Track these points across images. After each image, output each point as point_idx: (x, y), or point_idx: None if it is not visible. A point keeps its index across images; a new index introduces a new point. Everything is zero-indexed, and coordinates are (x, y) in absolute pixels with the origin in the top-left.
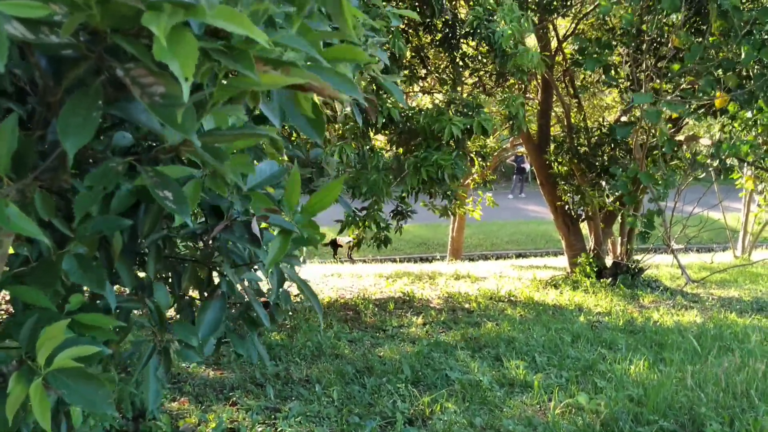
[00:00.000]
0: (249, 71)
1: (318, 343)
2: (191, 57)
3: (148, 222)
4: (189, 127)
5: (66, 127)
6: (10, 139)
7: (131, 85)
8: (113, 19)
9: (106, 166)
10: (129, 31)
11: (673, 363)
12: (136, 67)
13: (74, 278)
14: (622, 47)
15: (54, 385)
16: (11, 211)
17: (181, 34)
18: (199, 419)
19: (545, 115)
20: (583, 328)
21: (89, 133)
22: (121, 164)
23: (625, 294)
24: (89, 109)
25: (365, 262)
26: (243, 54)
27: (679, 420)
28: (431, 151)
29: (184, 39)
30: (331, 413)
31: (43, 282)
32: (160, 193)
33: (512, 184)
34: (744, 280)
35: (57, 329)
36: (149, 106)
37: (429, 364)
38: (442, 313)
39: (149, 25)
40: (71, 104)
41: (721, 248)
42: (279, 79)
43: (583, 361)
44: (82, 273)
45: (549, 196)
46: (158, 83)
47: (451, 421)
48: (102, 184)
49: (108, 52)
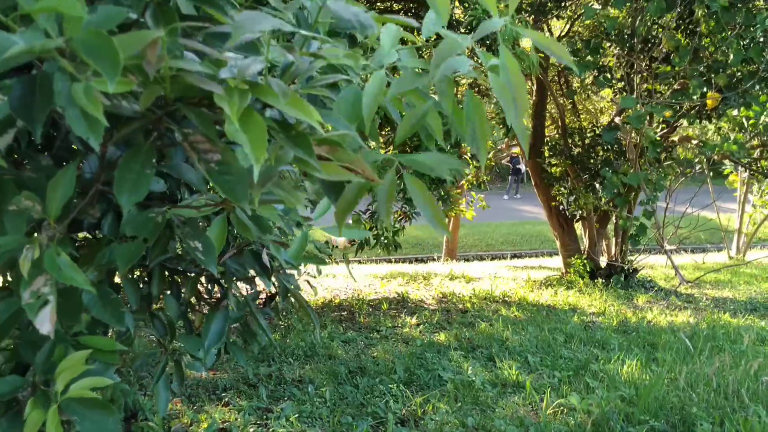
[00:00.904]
0: (309, 157)
1: (311, 343)
2: (262, 138)
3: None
4: (242, 197)
5: (122, 182)
6: (66, 187)
7: (189, 150)
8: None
9: (147, 216)
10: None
11: (665, 363)
12: (195, 133)
13: (94, 312)
14: (616, 48)
15: (67, 411)
16: (62, 261)
17: (251, 115)
18: (191, 420)
19: (540, 116)
20: (576, 328)
21: (144, 189)
22: (160, 215)
23: (619, 294)
24: (143, 166)
25: (360, 263)
26: (302, 137)
27: (671, 420)
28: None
29: (253, 119)
30: (324, 413)
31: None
32: (191, 243)
33: (508, 185)
34: (738, 280)
35: (76, 360)
36: (206, 172)
37: (422, 365)
38: (436, 314)
39: (221, 104)
40: (126, 160)
41: (715, 249)
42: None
43: (575, 362)
44: (103, 308)
45: (543, 196)
46: (215, 151)
47: (442, 422)
48: (143, 234)
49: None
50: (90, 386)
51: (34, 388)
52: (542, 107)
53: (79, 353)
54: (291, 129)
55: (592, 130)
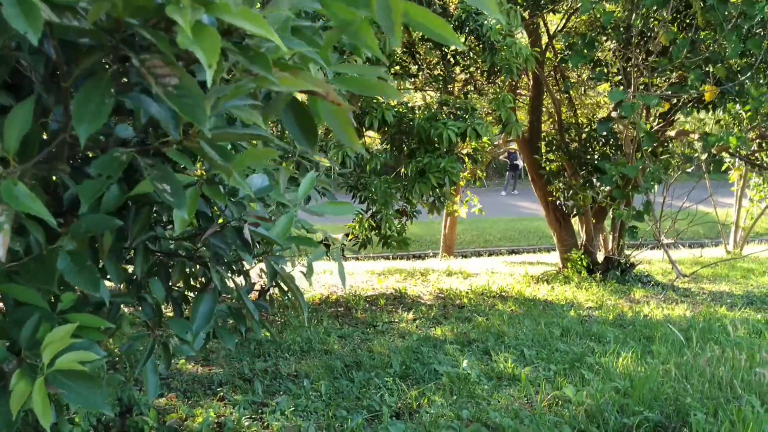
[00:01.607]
0: (267, 72)
1: (308, 338)
2: (215, 45)
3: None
4: (201, 118)
5: (81, 113)
6: (22, 122)
7: (146, 75)
8: (134, 9)
9: (111, 155)
10: (149, 22)
11: (660, 355)
12: (152, 58)
13: (69, 278)
14: (612, 42)
15: (54, 384)
16: (19, 190)
17: (204, 26)
18: (185, 414)
19: (536, 111)
20: (572, 322)
21: (102, 119)
22: (125, 154)
23: (616, 289)
24: (102, 96)
25: (358, 260)
26: (260, 56)
27: (665, 411)
28: (434, 157)
29: (206, 31)
30: (319, 407)
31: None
32: (158, 185)
33: (505, 181)
34: (736, 274)
35: (62, 333)
36: (164, 95)
37: (418, 359)
38: (433, 309)
39: (173, 16)
40: (85, 91)
41: (713, 243)
42: (296, 82)
43: (571, 355)
44: (77, 273)
45: (540, 191)
46: (172, 74)
47: (437, 414)
48: (107, 172)
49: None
50: (77, 359)
51: (20, 361)
52: (538, 102)
53: (65, 326)
54: (249, 49)
55: (588, 125)
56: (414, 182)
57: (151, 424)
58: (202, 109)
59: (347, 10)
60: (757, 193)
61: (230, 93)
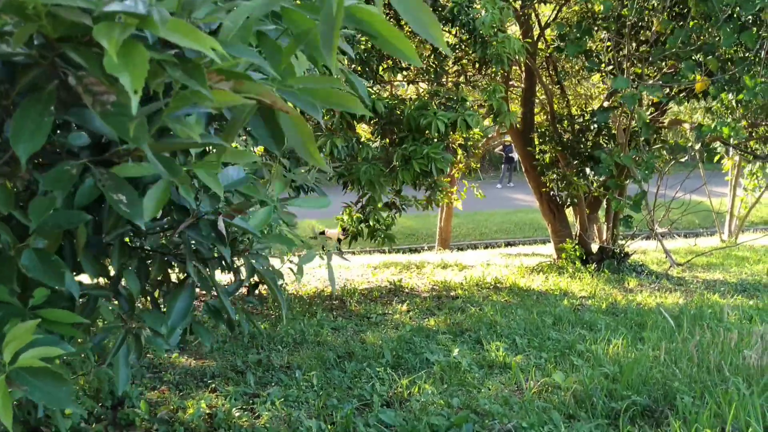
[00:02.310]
0: (201, 87)
1: (301, 331)
2: (141, 70)
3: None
4: (140, 137)
5: (18, 133)
6: None
7: (83, 93)
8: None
9: (61, 169)
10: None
11: (651, 341)
12: (88, 75)
13: (33, 273)
14: (604, 32)
15: (17, 381)
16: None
17: (132, 46)
18: (177, 406)
19: (529, 102)
20: (565, 311)
21: (41, 139)
22: (75, 167)
23: (611, 279)
24: (41, 115)
25: (354, 254)
26: (196, 69)
27: (653, 395)
28: (419, 144)
29: (134, 51)
30: (310, 397)
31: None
32: (114, 196)
33: (501, 174)
34: (730, 263)
35: (25, 330)
36: (101, 115)
37: (410, 349)
38: (427, 301)
39: (100, 39)
40: (23, 109)
41: (708, 233)
42: (230, 97)
43: (563, 343)
44: (42, 268)
45: (534, 182)
46: (110, 92)
47: (428, 402)
48: (56, 188)
49: (62, 59)
50: (39, 356)
51: None
52: (531, 93)
53: (27, 323)
54: (188, 62)
55: (581, 116)
56: (399, 170)
57: (142, 416)
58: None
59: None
60: (751, 182)
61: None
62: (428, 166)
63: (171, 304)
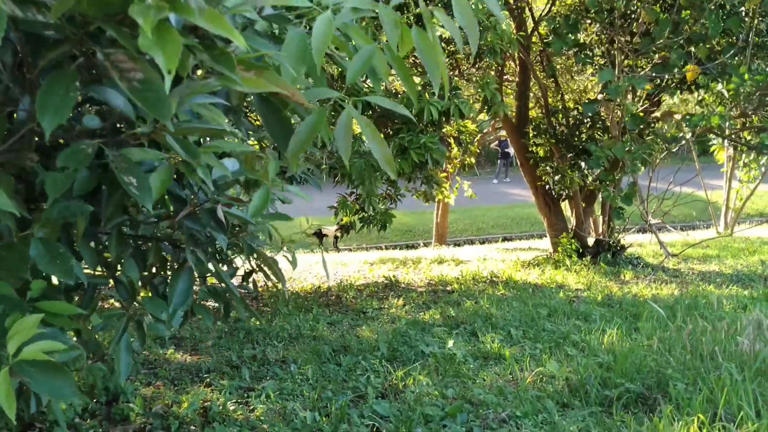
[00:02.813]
0: (230, 72)
1: (296, 326)
2: (175, 51)
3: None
4: (165, 113)
5: (45, 105)
6: None
7: (111, 69)
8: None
9: (77, 147)
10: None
11: (645, 331)
12: (117, 52)
13: (42, 266)
14: (596, 25)
15: (20, 373)
16: None
17: (166, 28)
18: (172, 401)
19: (523, 96)
20: (560, 303)
21: (66, 112)
22: (90, 146)
23: (607, 271)
24: (67, 89)
25: (351, 251)
26: (225, 55)
27: (646, 383)
28: (415, 135)
29: (168, 33)
30: (305, 390)
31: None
32: (125, 178)
33: (497, 169)
34: (726, 255)
35: (29, 324)
36: (129, 90)
37: (405, 342)
38: (423, 295)
39: (136, 17)
40: (49, 83)
41: (705, 226)
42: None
43: (558, 334)
44: (50, 261)
45: (529, 176)
46: (137, 69)
47: (422, 393)
48: (72, 165)
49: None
50: (43, 349)
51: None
52: (525, 87)
53: (32, 317)
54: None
55: (575, 109)
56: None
57: (137, 411)
58: (166, 104)
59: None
60: (746, 173)
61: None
62: (425, 156)
63: (172, 286)
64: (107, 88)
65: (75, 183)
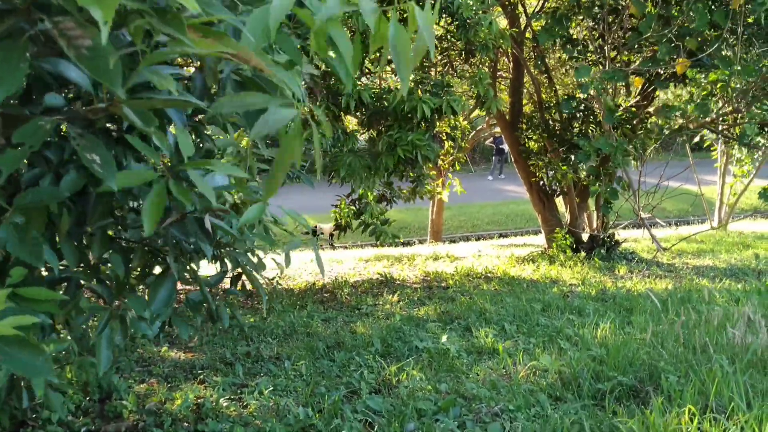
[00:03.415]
0: (181, 35)
1: (290, 323)
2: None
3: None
4: (115, 81)
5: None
6: None
7: (59, 38)
8: None
9: (35, 124)
10: None
11: (638, 324)
12: (65, 20)
13: (11, 249)
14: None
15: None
16: None
17: None
18: (165, 397)
19: (517, 92)
20: (554, 297)
21: (17, 82)
22: (49, 122)
23: (601, 266)
24: (17, 60)
25: (346, 248)
26: (175, 18)
27: (639, 375)
28: (404, 132)
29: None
30: (299, 386)
31: None
32: (87, 156)
33: (491, 166)
34: (720, 249)
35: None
36: (76, 58)
37: (400, 337)
38: (418, 291)
39: None
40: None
41: (699, 221)
42: (210, 45)
43: (551, 328)
44: (19, 244)
45: (523, 172)
46: (85, 36)
47: (416, 388)
48: (30, 141)
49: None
50: (13, 324)
51: None
52: (519, 83)
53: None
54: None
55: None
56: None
57: (130, 408)
58: (115, 71)
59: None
60: (739, 168)
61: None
62: (413, 152)
63: (154, 291)
64: (61, 60)
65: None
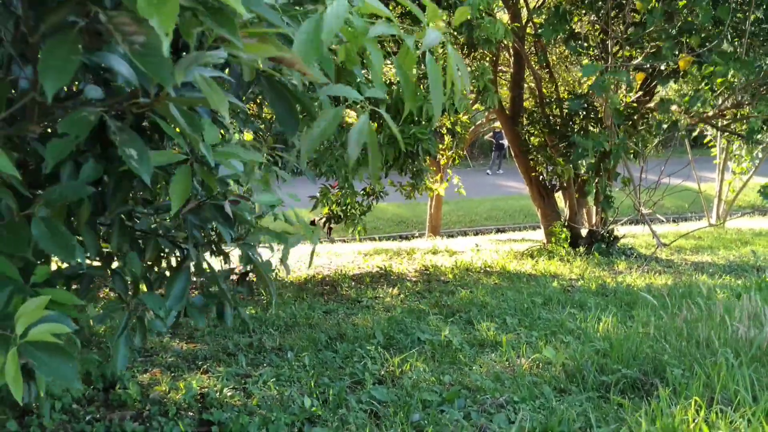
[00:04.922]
0: (233, 36)
1: (292, 314)
2: (172, 14)
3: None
4: (167, 78)
5: (46, 67)
6: None
7: (113, 32)
8: None
9: (78, 114)
10: None
11: (640, 318)
12: (120, 15)
13: (43, 245)
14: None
15: (26, 355)
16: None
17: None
18: (169, 387)
19: (518, 86)
20: (555, 292)
21: (68, 74)
22: (93, 114)
23: (600, 262)
24: (69, 52)
25: (345, 242)
26: (227, 18)
27: (643, 368)
28: (406, 125)
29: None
30: (302, 377)
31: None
32: (126, 151)
33: (491, 161)
34: (718, 246)
35: (36, 306)
36: (130, 53)
37: (402, 330)
38: (418, 285)
39: None
40: (51, 46)
41: (697, 217)
42: (260, 48)
43: (553, 322)
44: (52, 240)
45: (523, 167)
46: (140, 32)
47: (420, 379)
48: (73, 132)
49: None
50: (50, 331)
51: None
52: (520, 78)
53: (38, 299)
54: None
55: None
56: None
57: (134, 397)
58: (168, 68)
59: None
60: (738, 165)
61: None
62: (414, 146)
63: (170, 286)
64: (110, 54)
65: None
